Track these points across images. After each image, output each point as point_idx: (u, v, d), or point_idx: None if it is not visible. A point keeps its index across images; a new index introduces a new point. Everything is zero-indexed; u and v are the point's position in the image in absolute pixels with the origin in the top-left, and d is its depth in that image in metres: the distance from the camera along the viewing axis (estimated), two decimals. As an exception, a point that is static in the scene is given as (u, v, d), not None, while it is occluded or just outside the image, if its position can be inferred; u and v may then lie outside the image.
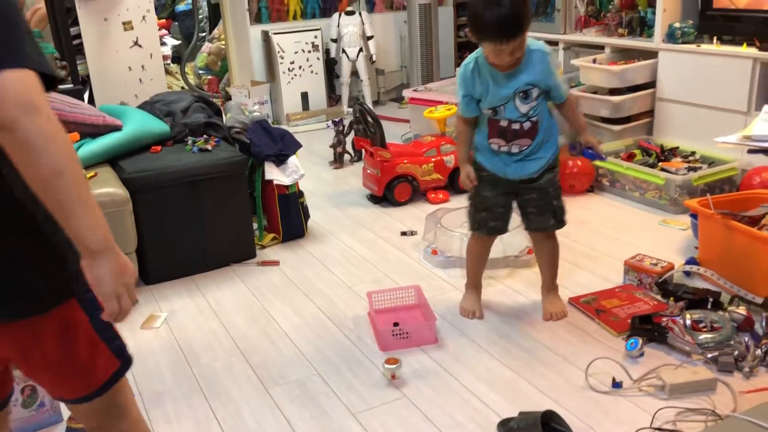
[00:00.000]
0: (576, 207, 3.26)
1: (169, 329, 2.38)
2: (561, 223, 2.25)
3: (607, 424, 1.76)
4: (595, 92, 3.76)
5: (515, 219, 2.30)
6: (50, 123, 0.95)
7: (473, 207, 2.28)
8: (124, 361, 1.23)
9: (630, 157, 3.42)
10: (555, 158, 2.17)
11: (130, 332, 2.36)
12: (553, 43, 4.27)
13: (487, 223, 2.26)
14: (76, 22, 3.87)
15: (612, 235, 2.93)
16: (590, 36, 3.98)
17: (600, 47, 3.92)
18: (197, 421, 1.88)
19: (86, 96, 3.81)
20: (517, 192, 2.22)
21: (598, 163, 3.42)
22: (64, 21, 3.66)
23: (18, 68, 0.94)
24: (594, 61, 3.77)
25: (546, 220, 2.22)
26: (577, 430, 1.72)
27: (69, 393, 1.22)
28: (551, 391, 1.91)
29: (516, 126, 2.11)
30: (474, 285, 2.40)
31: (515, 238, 2.61)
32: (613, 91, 3.66)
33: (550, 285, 2.35)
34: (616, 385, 1.90)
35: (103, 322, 1.11)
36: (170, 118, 3.07)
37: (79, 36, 3.86)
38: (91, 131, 2.76)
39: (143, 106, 3.20)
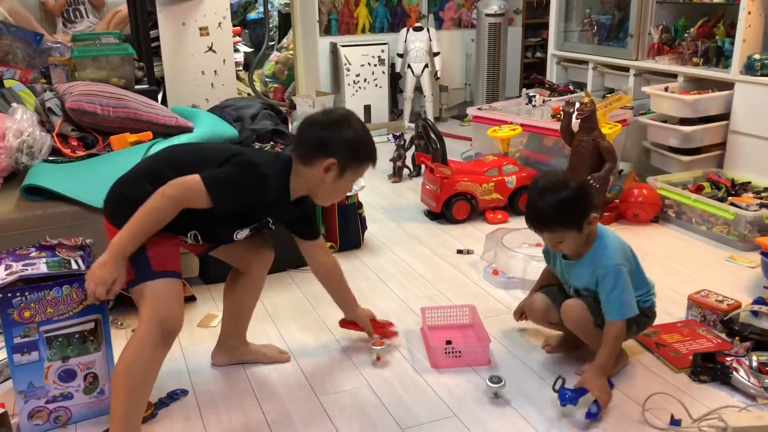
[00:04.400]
0: (640, 237, 3.18)
1: (225, 329, 2.42)
2: None
3: (663, 463, 1.71)
4: (665, 121, 3.68)
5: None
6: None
7: None
8: (137, 278, 1.71)
9: (698, 190, 3.33)
10: None
11: (187, 329, 2.41)
12: (624, 68, 4.21)
13: None
14: (155, 26, 4.01)
15: (676, 269, 2.85)
16: (663, 64, 3.90)
17: (673, 75, 3.83)
18: (248, 423, 1.90)
19: (160, 97, 3.92)
20: None
21: (663, 193, 3.34)
22: (144, 24, 3.80)
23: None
24: (666, 89, 3.69)
25: None
26: (631, 466, 1.68)
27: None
28: (606, 422, 1.86)
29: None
30: None
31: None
32: (683, 121, 3.58)
33: None
34: (675, 422, 1.84)
35: (140, 255, 1.70)
36: (239, 123, 3.14)
37: (157, 39, 4.00)
38: (163, 131, 2.84)
39: (213, 110, 3.29)
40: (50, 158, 2.59)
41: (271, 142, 3.04)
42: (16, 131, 2.51)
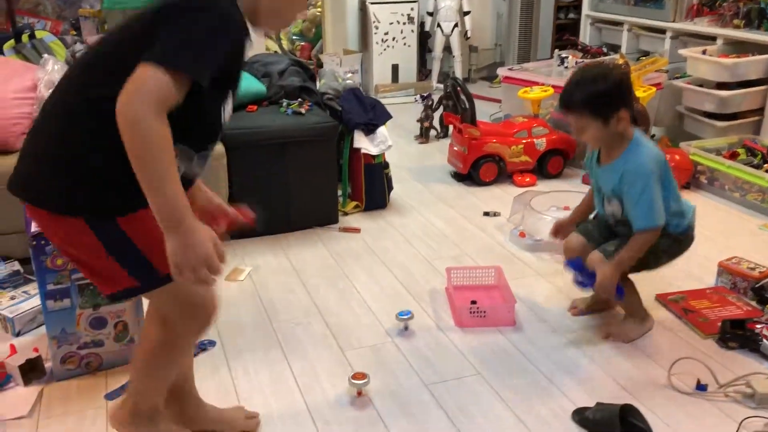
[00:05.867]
0: (669, 202, 3.13)
1: (252, 283, 2.45)
2: None
3: (688, 426, 1.70)
4: (700, 85, 3.59)
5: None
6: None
7: None
8: (143, 286, 1.36)
9: (733, 156, 3.25)
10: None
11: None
12: (660, 30, 4.09)
13: None
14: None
15: (707, 235, 2.80)
16: (702, 26, 3.78)
17: (712, 38, 3.72)
18: (274, 375, 1.93)
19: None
20: None
21: (695, 158, 3.27)
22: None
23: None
24: (704, 52, 3.59)
25: None
26: (656, 429, 1.67)
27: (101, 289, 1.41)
28: (631, 385, 1.86)
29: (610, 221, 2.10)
30: None
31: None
32: (720, 85, 3.48)
33: None
34: (701, 387, 1.82)
35: (117, 245, 1.30)
36: (267, 79, 3.13)
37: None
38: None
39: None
40: (81, 110, 2.60)
41: (299, 99, 3.02)
42: (47, 82, 2.52)
